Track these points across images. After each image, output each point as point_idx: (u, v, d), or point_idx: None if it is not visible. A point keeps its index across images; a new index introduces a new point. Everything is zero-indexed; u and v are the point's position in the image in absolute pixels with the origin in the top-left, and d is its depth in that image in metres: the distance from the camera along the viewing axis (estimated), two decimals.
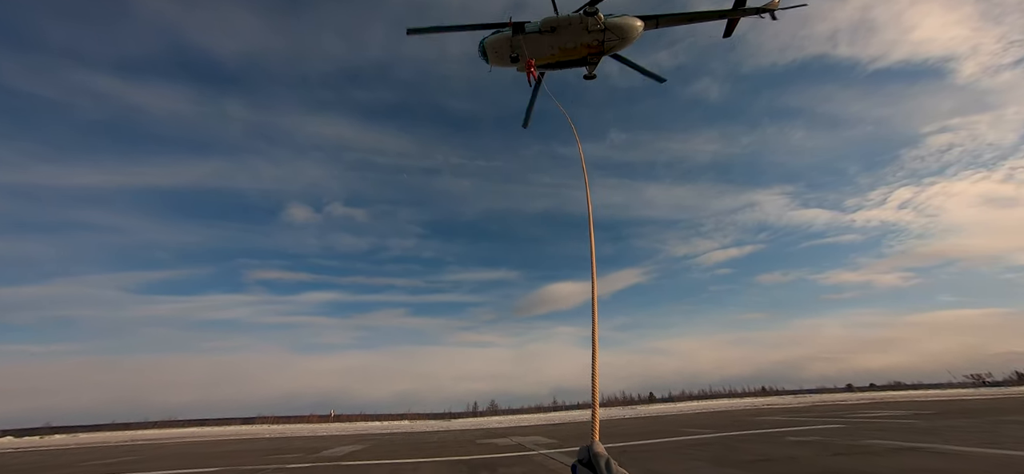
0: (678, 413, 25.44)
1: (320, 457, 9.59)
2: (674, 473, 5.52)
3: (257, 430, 32.33)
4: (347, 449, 11.69)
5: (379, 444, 13.33)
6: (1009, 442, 6.43)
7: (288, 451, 11.84)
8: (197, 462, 9.61)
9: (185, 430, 38.65)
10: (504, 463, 7.45)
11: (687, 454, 7.13)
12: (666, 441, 9.11)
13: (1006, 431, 7.81)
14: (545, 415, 43.08)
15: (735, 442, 8.36)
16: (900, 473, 4.67)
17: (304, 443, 15.26)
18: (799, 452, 6.51)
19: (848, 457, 5.83)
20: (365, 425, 35.12)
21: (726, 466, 5.73)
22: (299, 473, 7.12)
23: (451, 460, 8.22)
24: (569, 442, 10.46)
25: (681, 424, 14.17)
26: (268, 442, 17.15)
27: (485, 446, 10.76)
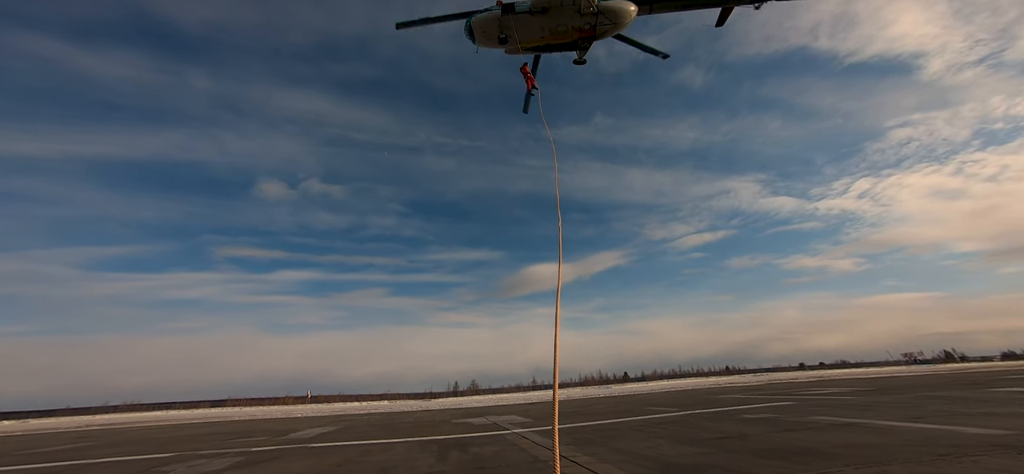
0: (648, 392, 26.65)
1: (288, 439, 9.38)
2: (638, 450, 5.71)
3: (226, 413, 31.37)
4: (318, 430, 11.50)
5: (353, 425, 13.19)
6: (929, 417, 7.04)
7: (256, 433, 11.51)
8: (155, 447, 9.18)
9: (149, 414, 36.98)
10: (476, 442, 7.52)
11: (651, 432, 7.41)
12: (633, 420, 9.47)
13: (928, 406, 8.56)
14: (524, 394, 44.12)
15: (695, 420, 8.77)
16: (833, 447, 4.99)
17: (274, 425, 14.90)
18: (751, 429, 6.88)
19: (793, 433, 6.21)
20: (343, 406, 34.74)
21: (685, 443, 5.98)
22: (262, 456, 6.91)
23: (424, 440, 8.22)
24: (543, 421, 10.71)
25: (649, 403, 14.80)
26: (236, 425, 16.63)
27: (460, 426, 10.86)
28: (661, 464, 4.76)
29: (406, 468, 5.49)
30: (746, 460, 4.61)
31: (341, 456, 6.62)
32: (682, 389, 26.78)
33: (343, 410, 26.21)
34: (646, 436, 6.85)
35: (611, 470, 4.64)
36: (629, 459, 5.13)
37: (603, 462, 5.06)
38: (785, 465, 4.23)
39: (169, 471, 5.88)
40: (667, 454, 5.28)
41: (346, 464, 5.95)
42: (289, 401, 50.38)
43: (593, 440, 6.81)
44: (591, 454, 5.60)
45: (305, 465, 5.93)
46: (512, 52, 10.17)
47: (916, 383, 17.16)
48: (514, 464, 5.35)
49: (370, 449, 7.30)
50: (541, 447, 6.50)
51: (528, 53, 10.22)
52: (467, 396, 57.61)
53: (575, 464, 5.08)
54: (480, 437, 8.21)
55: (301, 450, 7.53)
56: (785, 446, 5.21)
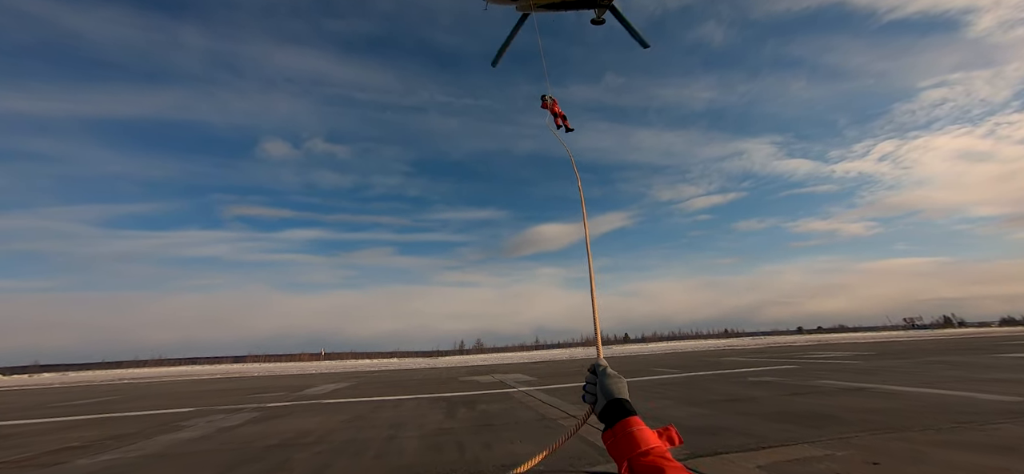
0: (649, 353, 27.23)
1: (303, 395, 9.67)
2: (643, 411, 5.68)
3: (247, 369, 32.95)
4: (331, 386, 11.89)
5: (364, 382, 13.64)
6: (940, 382, 6.90)
7: (272, 389, 11.95)
8: (177, 401, 9.54)
9: (175, 369, 39.00)
10: (484, 400, 7.63)
11: (656, 393, 7.43)
12: (639, 381, 9.55)
13: (936, 371, 8.44)
14: (527, 353, 45.62)
15: (700, 382, 8.79)
16: (846, 411, 4.87)
17: (290, 382, 15.50)
18: (758, 392, 6.82)
19: (802, 397, 6.12)
20: (355, 364, 36.24)
21: (692, 405, 5.94)
22: (277, 411, 7.09)
23: (432, 397, 8.39)
24: (547, 380, 10.91)
25: (652, 364, 15.03)
26: (254, 381, 17.38)
27: (467, 383, 11.12)
28: (665, 424, 4.70)
29: (416, 423, 5.54)
30: (756, 423, 4.52)
31: (352, 412, 6.75)
32: (683, 351, 27.28)
33: (355, 367, 27.32)
34: (652, 396, 6.86)
35: None
36: None
37: None
38: (797, 429, 4.12)
39: (191, 424, 6.03)
40: (674, 415, 5.23)
41: (357, 419, 6.04)
42: (304, 358, 52.75)
43: None
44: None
45: (318, 421, 6.04)
46: (524, 9, 9.39)
47: (918, 348, 17.15)
48: (522, 421, 5.37)
49: (380, 405, 7.45)
50: (547, 406, 6.54)
51: (542, 10, 9.42)
52: (473, 355, 59.79)
53: (588, 424, 5.06)
54: (487, 395, 8.35)
55: (315, 406, 7.72)
56: (795, 409, 5.11)
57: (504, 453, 3.94)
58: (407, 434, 4.94)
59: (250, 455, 4.18)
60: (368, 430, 5.23)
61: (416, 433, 4.98)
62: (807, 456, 3.15)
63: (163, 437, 5.22)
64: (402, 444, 4.46)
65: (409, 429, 5.21)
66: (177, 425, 5.95)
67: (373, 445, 4.47)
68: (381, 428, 5.31)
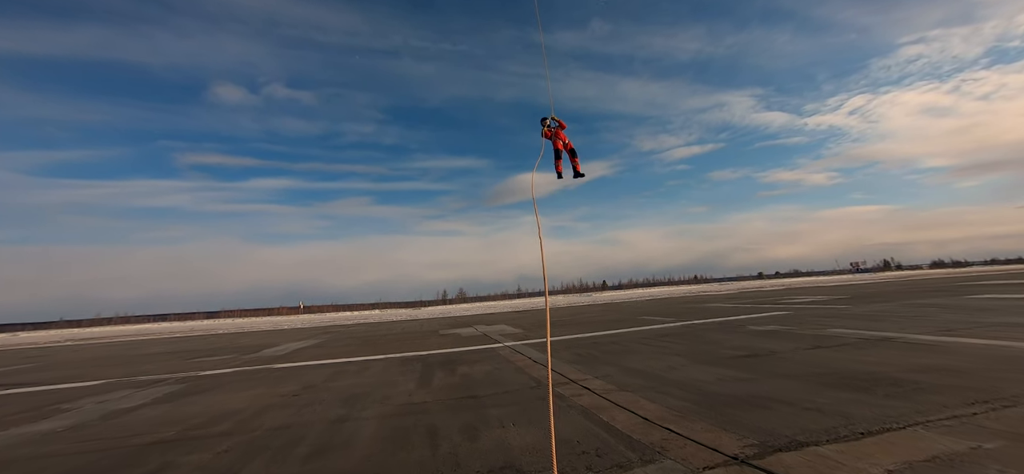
0: (630, 300, 27.44)
1: (256, 358, 8.30)
2: (657, 372, 4.71)
3: (216, 325, 31.05)
4: (295, 345, 10.58)
5: (335, 338, 12.41)
6: (954, 328, 6.34)
7: (227, 350, 10.51)
8: (100, 369, 7.97)
9: (138, 327, 36.46)
10: (466, 359, 6.54)
11: (659, 346, 6.54)
12: (632, 332, 8.75)
13: (935, 315, 8.02)
14: (510, 302, 45.90)
15: (701, 332, 8.04)
16: (903, 370, 4.00)
17: (253, 340, 14.06)
18: (775, 345, 6.02)
19: (827, 351, 5.32)
20: (334, 316, 34.99)
21: (709, 363, 5.01)
22: (207, 382, 5.71)
23: (406, 357, 7.25)
24: (534, 332, 10.03)
25: (639, 313, 14.55)
26: (214, 340, 15.82)
27: (448, 338, 10.08)
28: (697, 392, 3.69)
29: (379, 397, 4.33)
30: (806, 389, 3.56)
31: (303, 381, 5.46)
32: (662, 297, 27.64)
33: (332, 320, 26.10)
34: (657, 352, 5.94)
35: (639, 402, 3.54)
36: (653, 384, 4.08)
37: (624, 390, 3.98)
38: (870, 399, 3.16)
39: (76, 406, 4.56)
40: (697, 379, 4.24)
41: (305, 392, 4.77)
42: (282, 311, 50.94)
43: (598, 357, 5.87)
44: (603, 377, 4.56)
45: (251, 396, 4.71)
46: None
47: (884, 291, 17.57)
48: (512, 389, 4.27)
49: (342, 370, 6.21)
50: (540, 366, 5.50)
51: None
52: (456, 304, 59.91)
53: (589, 391, 4.00)
54: (469, 352, 7.30)
55: (259, 373, 6.38)
56: (838, 369, 4.22)
57: (494, 445, 2.77)
58: (363, 415, 3.71)
59: (112, 460, 2.82)
60: (313, 409, 3.97)
61: (375, 413, 3.76)
62: (948, 452, 2.11)
63: (19, 429, 3.75)
64: (352, 432, 3.22)
65: (368, 406, 3.99)
66: (56, 409, 4.47)
67: (310, 435, 3.20)
68: (331, 405, 4.06)
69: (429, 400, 4.17)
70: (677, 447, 2.54)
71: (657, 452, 2.50)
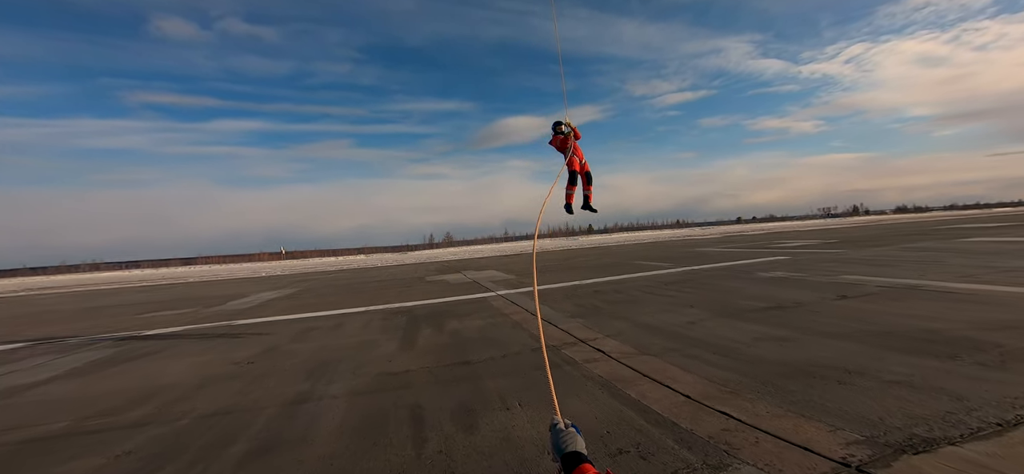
0: (618, 244, 27.36)
1: (217, 313, 7.41)
2: (674, 326, 4.10)
3: (189, 272, 29.57)
4: (267, 296, 9.70)
5: (314, 286, 11.57)
6: (975, 274, 5.99)
7: (188, 302, 9.55)
8: (32, 327, 6.94)
9: (107, 275, 34.55)
10: (455, 311, 5.85)
11: (668, 297, 5.97)
12: (632, 278, 8.22)
13: (946, 261, 7.74)
14: (498, 246, 45.74)
15: (708, 280, 7.54)
16: (971, 327, 3.47)
17: (224, 289, 13.08)
18: (794, 294, 5.51)
19: (856, 301, 4.83)
20: (317, 262, 33.97)
21: (731, 317, 4.44)
22: (146, 347, 4.83)
23: (390, 309, 6.51)
24: (527, 279, 9.43)
25: (632, 256, 14.17)
26: (181, 289, 14.76)
27: (435, 286, 9.39)
28: (735, 357, 3.07)
29: (351, 365, 3.57)
30: (866, 353, 2.98)
31: (265, 342, 4.65)
32: (650, 241, 27.68)
33: (314, 267, 25.13)
34: (669, 303, 5.36)
35: (670, 371, 2.89)
36: (677, 346, 3.44)
37: (645, 353, 3.34)
38: (954, 366, 2.60)
39: None
40: (728, 338, 3.63)
41: (263, 358, 3.96)
42: (263, 258, 49.37)
43: (603, 310, 5.25)
44: (616, 335, 3.92)
45: (193, 365, 3.88)
46: None
47: (868, 235, 17.74)
48: (511, 352, 3.59)
49: (314, 326, 5.41)
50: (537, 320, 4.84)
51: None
52: (443, 248, 59.54)
53: (604, 355, 3.35)
54: (459, 303, 6.61)
55: (214, 333, 5.52)
56: (887, 326, 3.68)
57: (498, 438, 2.06)
58: (330, 392, 2.94)
59: None
60: (267, 384, 3.18)
61: (346, 388, 3.00)
62: None
63: None
64: (310, 420, 2.45)
65: (338, 377, 3.23)
66: None
67: (255, 425, 2.42)
68: (291, 377, 3.28)
69: (413, 367, 3.44)
70: (749, 444, 1.87)
71: (725, 453, 1.82)
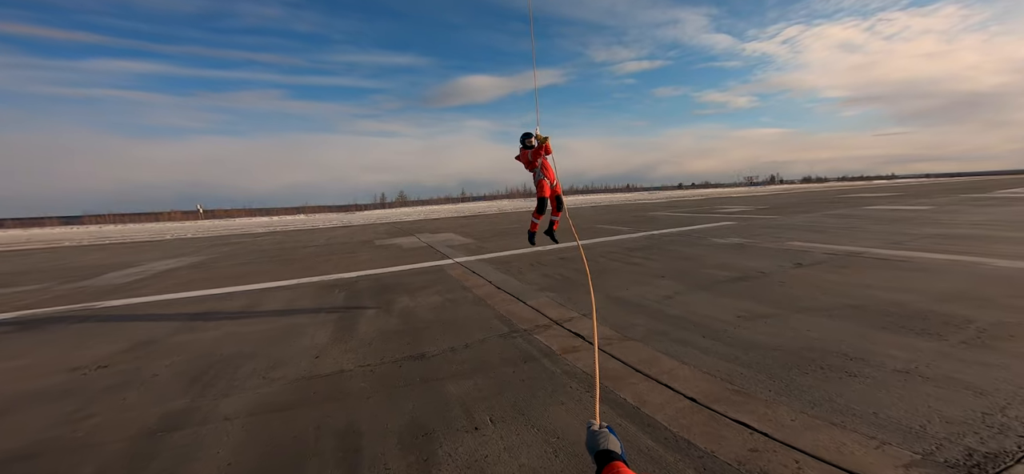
0: (574, 205, 27.53)
1: (80, 290, 5.72)
2: (651, 301, 3.77)
3: (67, 234, 24.18)
4: (164, 265, 7.86)
5: (232, 253, 9.75)
6: (911, 243, 6.53)
7: (43, 274, 7.41)
8: None
9: None
10: (407, 284, 5.01)
11: (635, 265, 5.70)
12: (596, 243, 7.93)
13: (870, 228, 8.49)
14: (455, 206, 43.94)
15: (668, 245, 7.47)
16: (935, 299, 3.52)
17: (104, 256, 10.60)
18: (755, 263, 5.51)
19: (812, 270, 4.91)
20: (244, 222, 29.82)
21: (705, 290, 4.22)
22: None
23: (325, 282, 5.45)
24: (489, 243, 8.75)
25: (592, 219, 14.08)
26: (35, 258, 11.80)
27: (385, 252, 8.31)
28: (726, 341, 2.76)
29: (261, 366, 2.67)
30: (855, 332, 2.83)
31: (138, 334, 3.45)
32: (605, 204, 28.27)
33: (240, 227, 21.78)
34: (638, 274, 5.05)
35: (663, 362, 2.47)
36: (662, 327, 3.07)
37: (629, 338, 2.90)
38: (948, 348, 2.48)
39: None
40: (710, 316, 3.34)
41: (126, 357, 2.86)
42: (175, 217, 42.40)
43: (572, 280, 4.79)
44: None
45: (6, 373, 2.67)
46: None
47: (790, 202, 19.62)
48: (476, 340, 2.95)
49: (215, 309, 4.24)
50: (505, 296, 4.23)
51: None
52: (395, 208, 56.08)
53: (584, 341, 2.86)
54: (412, 273, 5.75)
55: (64, 320, 4.11)
56: (856, 299, 3.65)
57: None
58: (219, 411, 2.05)
59: None
60: (116, 404, 2.17)
61: (246, 404, 2.13)
62: None
63: None
64: (176, 465, 1.61)
65: (236, 389, 2.32)
66: None
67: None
68: (162, 393, 2.30)
69: (350, 366, 2.65)
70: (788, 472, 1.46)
71: None
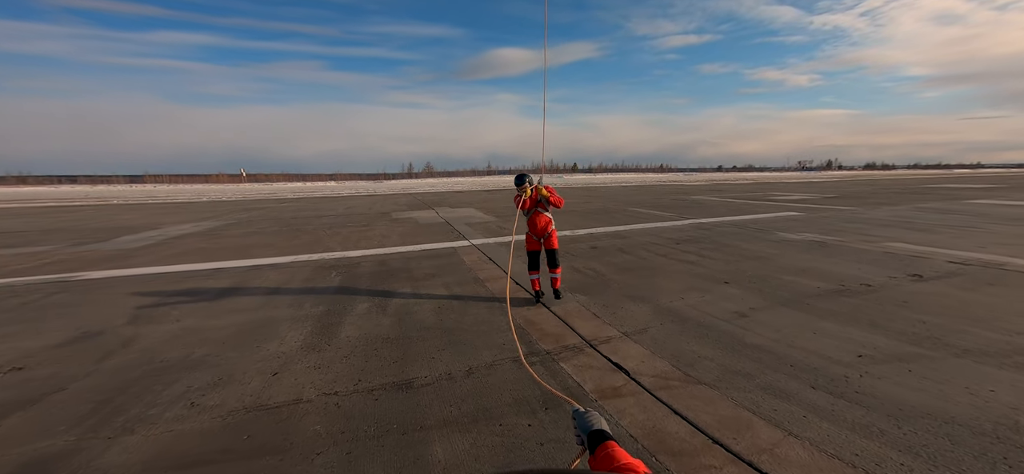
0: (605, 185, 25.87)
1: (78, 255, 5.51)
2: (720, 318, 2.81)
3: (127, 191, 25.89)
4: (178, 231, 7.71)
5: (249, 220, 9.58)
6: None
7: (63, 235, 7.45)
8: None
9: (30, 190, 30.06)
10: (412, 271, 4.30)
11: (688, 262, 4.64)
12: (636, 230, 6.84)
13: (991, 228, 6.78)
14: (479, 179, 43.36)
15: (724, 239, 6.25)
16: None
17: (137, 217, 10.84)
18: (851, 270, 4.34)
19: (937, 284, 3.68)
20: (277, 187, 30.82)
21: (796, 307, 3.17)
22: None
23: (324, 260, 4.87)
24: (510, 225, 7.89)
25: (625, 202, 12.77)
26: (75, 216, 12.32)
27: (400, 226, 7.70)
28: (861, 404, 1.77)
29: (200, 381, 2.04)
30: None
31: (80, 325, 2.97)
32: (638, 185, 26.36)
33: (272, 192, 22.33)
34: (692, 275, 3.99)
35: (758, 428, 1.54)
36: (741, 362, 2.10)
37: (695, 380, 1.97)
38: None
39: None
40: (811, 349, 2.32)
41: (49, 357, 2.34)
42: (222, 179, 44.92)
43: (609, 279, 3.84)
44: (637, 330, 2.53)
45: None
46: None
47: (863, 191, 17.07)
48: (479, 364, 2.14)
49: (193, 291, 3.74)
50: (525, 294, 3.39)
51: None
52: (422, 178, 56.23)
53: (634, 384, 1.97)
54: (420, 256, 5.04)
55: (26, 293, 3.75)
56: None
57: None
58: (103, 464, 1.42)
59: None
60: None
61: (148, 451, 1.46)
62: None
63: None
64: None
65: (147, 420, 1.67)
66: None
67: None
68: (57, 417, 1.72)
69: (310, 393, 1.94)
70: None
71: None
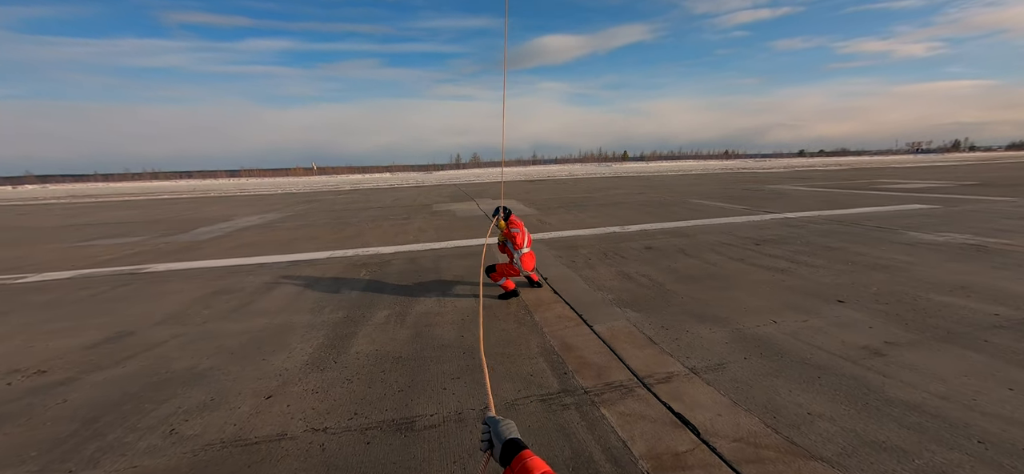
0: (660, 174, 23.70)
1: (163, 247, 6.06)
2: (835, 355, 1.96)
3: (225, 184, 29.90)
4: (243, 223, 8.36)
5: (306, 212, 10.17)
6: None
7: (158, 226, 8.46)
8: None
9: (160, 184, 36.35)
10: (443, 271, 3.97)
11: (778, 271, 3.65)
12: (699, 227, 5.80)
13: None
14: (524, 169, 42.98)
15: (823, 240, 5.00)
16: None
17: (221, 209, 12.14)
18: None
19: None
20: (341, 179, 33.49)
21: (950, 343, 2.16)
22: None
23: (358, 257, 4.75)
24: (552, 215, 7.27)
25: (685, 193, 11.32)
26: (175, 208, 14.12)
27: (438, 220, 7.53)
28: None
29: (195, 401, 1.83)
30: None
31: (122, 322, 3.05)
32: (698, 173, 23.72)
33: (335, 185, 24.28)
34: (783, 287, 3.05)
35: None
36: (879, 429, 1.31)
37: (809, 455, 1.24)
38: None
39: None
40: (1007, 418, 1.40)
41: (78, 358, 2.35)
42: (298, 172, 50.21)
43: (668, 289, 3.07)
44: (710, 367, 1.82)
45: None
46: None
47: (1014, 177, 13.27)
48: (508, 399, 1.67)
49: (231, 288, 3.76)
50: (563, 307, 2.81)
51: None
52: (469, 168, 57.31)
53: (695, 437, 1.33)
54: (454, 254, 4.69)
55: (90, 286, 4.06)
56: None
57: None
58: None
59: None
60: None
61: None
62: None
63: None
64: None
65: (119, 448, 1.48)
66: None
67: None
68: (58, 426, 1.60)
69: (298, 430, 1.62)
70: None
71: None
